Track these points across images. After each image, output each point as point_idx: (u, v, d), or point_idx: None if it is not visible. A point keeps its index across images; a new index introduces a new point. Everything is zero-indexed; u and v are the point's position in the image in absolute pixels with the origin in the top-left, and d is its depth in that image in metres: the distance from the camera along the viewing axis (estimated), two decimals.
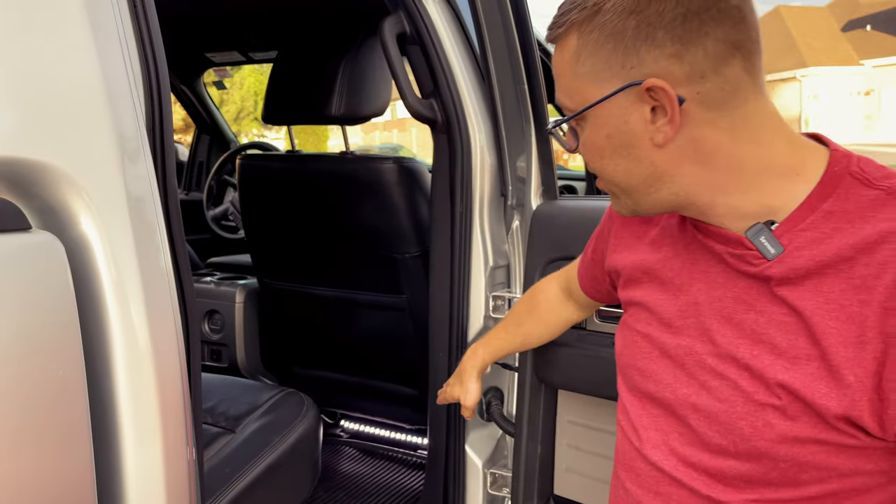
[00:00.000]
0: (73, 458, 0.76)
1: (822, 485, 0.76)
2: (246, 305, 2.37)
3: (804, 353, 0.73)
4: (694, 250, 0.84)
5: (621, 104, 0.75)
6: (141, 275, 0.83)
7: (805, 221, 0.74)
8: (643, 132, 0.75)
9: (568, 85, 0.79)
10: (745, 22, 0.73)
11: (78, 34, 0.81)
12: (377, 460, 2.39)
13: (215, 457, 1.47)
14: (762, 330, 0.76)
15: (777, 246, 0.74)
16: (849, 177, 0.74)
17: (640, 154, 0.77)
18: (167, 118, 0.95)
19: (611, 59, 0.74)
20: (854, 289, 0.71)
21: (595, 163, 0.81)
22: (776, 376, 0.75)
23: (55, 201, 0.78)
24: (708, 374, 0.80)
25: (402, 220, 1.98)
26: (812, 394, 0.72)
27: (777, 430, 0.75)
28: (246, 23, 2.50)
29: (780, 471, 0.76)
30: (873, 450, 0.74)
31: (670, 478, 0.85)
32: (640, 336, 0.89)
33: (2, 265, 0.69)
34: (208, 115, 3.53)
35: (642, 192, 0.80)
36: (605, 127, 0.77)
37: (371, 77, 1.94)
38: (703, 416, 0.81)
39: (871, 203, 0.73)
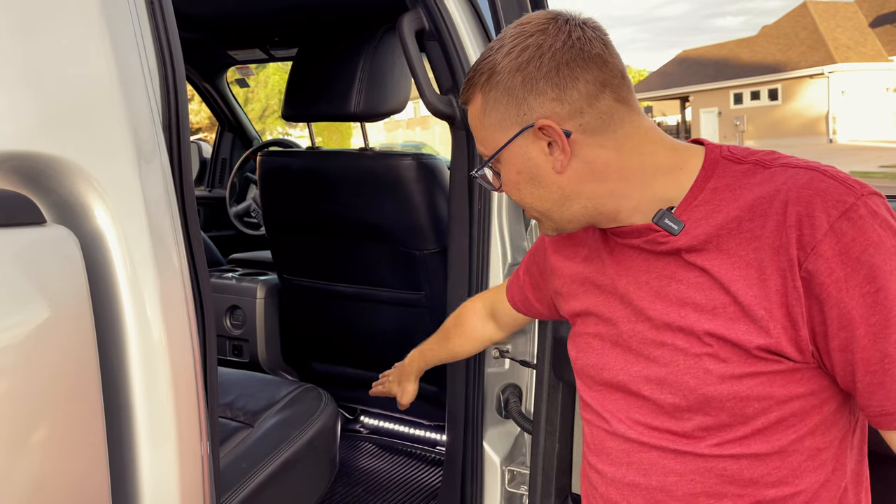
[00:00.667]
0: (87, 453, 0.77)
1: (766, 415, 0.88)
2: (267, 301, 2.38)
3: (720, 303, 0.88)
4: (617, 253, 1.00)
5: (522, 144, 0.93)
6: (156, 269, 0.83)
7: (697, 199, 0.91)
8: (545, 163, 0.92)
9: (481, 136, 0.96)
10: (607, 65, 0.90)
11: (93, 30, 0.82)
12: (396, 456, 2.40)
13: (233, 451, 1.48)
14: (684, 295, 0.91)
15: (679, 223, 0.90)
16: (722, 160, 0.93)
17: (546, 182, 0.93)
18: (183, 113, 0.96)
19: (508, 109, 0.92)
20: (746, 241, 0.86)
21: (515, 195, 0.97)
22: (703, 327, 0.88)
23: (70, 195, 0.78)
24: (650, 346, 0.94)
25: (421, 217, 1.98)
26: (734, 333, 0.86)
27: (715, 374, 0.88)
28: (268, 21, 2.51)
29: (727, 410, 0.88)
30: (800, 373, 0.87)
31: (639, 444, 0.96)
32: (591, 337, 1.03)
33: (17, 259, 0.70)
34: (231, 113, 3.56)
35: (557, 212, 0.96)
36: (515, 164, 0.94)
37: (390, 74, 1.94)
38: (655, 384, 0.94)
39: (744, 174, 0.90)
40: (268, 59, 3.06)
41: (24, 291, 0.70)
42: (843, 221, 0.81)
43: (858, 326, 0.81)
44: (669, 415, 0.93)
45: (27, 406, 0.70)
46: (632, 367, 0.96)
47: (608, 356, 1.00)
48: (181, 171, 0.94)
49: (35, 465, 0.71)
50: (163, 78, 0.93)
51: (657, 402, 0.93)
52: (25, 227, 0.72)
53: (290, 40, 2.78)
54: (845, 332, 0.82)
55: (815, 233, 0.82)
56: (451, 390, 1.80)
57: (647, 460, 0.95)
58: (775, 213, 0.85)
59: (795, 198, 0.84)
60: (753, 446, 0.89)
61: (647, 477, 0.96)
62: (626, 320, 0.97)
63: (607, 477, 1.00)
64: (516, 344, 1.80)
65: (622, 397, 0.98)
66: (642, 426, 0.96)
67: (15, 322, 0.69)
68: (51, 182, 0.77)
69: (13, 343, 0.68)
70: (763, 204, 0.86)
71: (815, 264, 0.82)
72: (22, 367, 0.69)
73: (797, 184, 0.85)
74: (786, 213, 0.84)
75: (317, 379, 2.38)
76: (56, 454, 0.73)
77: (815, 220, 0.82)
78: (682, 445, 0.92)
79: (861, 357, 0.82)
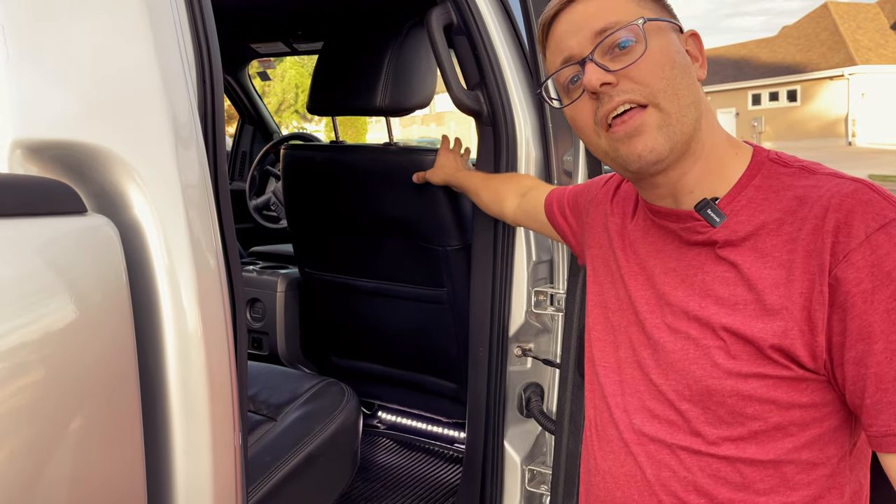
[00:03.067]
0: (123, 442, 0.77)
1: (765, 419, 0.87)
2: (287, 295, 2.38)
3: (742, 299, 0.88)
4: (653, 234, 1.01)
5: (676, 37, 0.93)
6: (192, 260, 0.83)
7: (741, 195, 0.91)
8: (691, 65, 0.92)
9: (630, 10, 0.91)
10: None
11: (135, 19, 0.82)
12: (414, 452, 2.39)
13: (256, 444, 1.48)
14: (709, 286, 0.91)
15: (721, 215, 0.91)
16: (769, 162, 0.93)
17: (692, 79, 0.92)
18: (219, 104, 0.95)
19: (657, 6, 0.93)
20: (783, 242, 0.86)
21: (665, 71, 0.89)
22: (720, 321, 0.88)
23: (110, 185, 0.78)
24: (665, 332, 0.95)
25: (444, 213, 1.97)
26: (750, 330, 0.86)
27: (722, 368, 0.88)
28: (293, 14, 2.50)
29: (727, 407, 0.88)
30: (807, 382, 0.86)
31: (640, 434, 0.97)
32: (612, 311, 1.05)
33: (58, 248, 0.70)
34: (252, 106, 3.56)
35: (692, 117, 0.91)
36: (672, 46, 0.91)
37: (416, 69, 1.93)
38: (663, 370, 0.94)
39: (790, 176, 0.91)
40: (290, 52, 3.06)
41: (64, 280, 0.69)
42: (880, 234, 0.81)
43: (878, 341, 0.80)
44: (671, 403, 0.93)
45: (67, 394, 0.70)
46: (644, 348, 0.97)
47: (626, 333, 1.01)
48: (216, 162, 0.94)
49: (73, 451, 0.71)
50: (199, 69, 0.93)
51: (661, 388, 0.94)
52: (67, 216, 0.72)
53: (313, 34, 2.78)
54: (863, 344, 0.81)
55: (850, 241, 0.81)
56: (472, 388, 1.79)
57: (644, 453, 0.96)
58: (814, 217, 0.85)
59: (837, 205, 0.84)
60: (749, 450, 0.89)
61: (642, 469, 0.96)
62: (646, 301, 0.99)
63: (605, 465, 1.02)
64: (539, 343, 1.79)
65: (629, 379, 1.00)
66: (645, 412, 0.97)
67: (55, 310, 0.68)
68: (91, 171, 0.77)
69: (54, 330, 0.68)
70: (804, 208, 0.86)
71: (845, 272, 0.81)
72: (62, 354, 0.69)
73: (841, 192, 0.85)
74: (825, 218, 0.84)
75: (336, 373, 2.38)
76: (94, 441, 0.73)
77: (853, 228, 0.82)
78: (680, 438, 0.93)
79: (875, 372, 0.81)
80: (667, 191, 0.96)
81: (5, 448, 0.65)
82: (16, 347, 0.65)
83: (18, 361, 0.65)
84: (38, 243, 0.68)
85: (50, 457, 0.68)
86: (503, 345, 1.72)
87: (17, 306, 0.65)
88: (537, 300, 1.73)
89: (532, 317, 1.74)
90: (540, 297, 1.73)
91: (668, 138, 0.89)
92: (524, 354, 1.77)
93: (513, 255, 1.72)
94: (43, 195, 0.71)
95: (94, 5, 0.80)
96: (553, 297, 1.73)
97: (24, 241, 0.67)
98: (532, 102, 1.73)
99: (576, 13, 0.93)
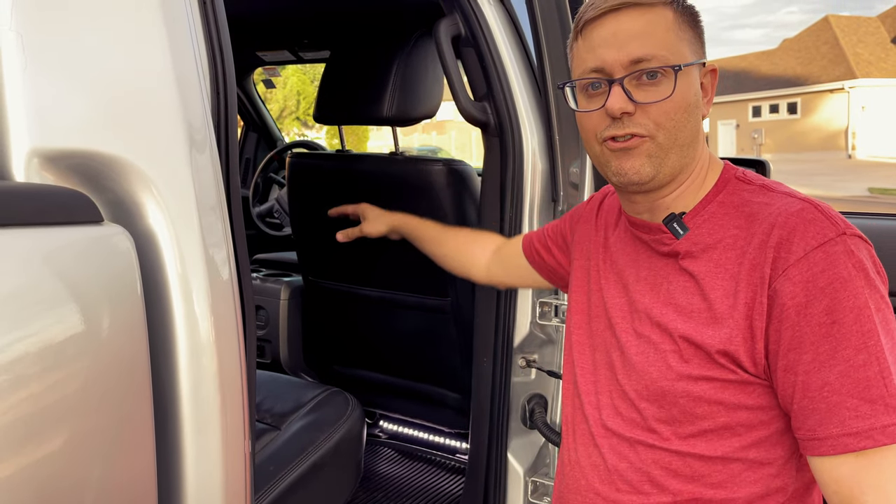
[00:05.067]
0: (136, 448, 0.77)
1: (714, 419, 0.94)
2: (290, 303, 2.38)
3: (697, 307, 0.95)
4: (632, 243, 1.07)
5: (696, 74, 0.98)
6: (205, 268, 0.83)
7: (705, 210, 0.99)
8: (700, 104, 0.98)
9: (671, 43, 0.95)
10: None
11: (151, 28, 0.82)
12: (416, 462, 2.39)
13: (260, 453, 1.48)
14: (672, 296, 0.98)
15: (685, 228, 0.98)
16: (734, 179, 1.00)
17: (697, 118, 0.98)
18: (232, 113, 0.96)
19: (694, 39, 0.97)
20: (735, 255, 0.93)
21: (678, 115, 0.95)
22: (678, 328, 0.95)
23: (126, 194, 0.78)
24: (632, 335, 1.02)
25: (450, 223, 1.97)
26: (701, 336, 0.93)
27: (675, 371, 0.95)
28: (299, 23, 2.51)
29: (679, 406, 0.95)
30: (753, 386, 0.92)
31: (604, 428, 1.04)
32: (592, 317, 1.11)
33: (75, 257, 0.70)
34: (256, 113, 3.57)
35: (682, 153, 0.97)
36: (692, 88, 0.96)
37: (423, 78, 1.93)
38: (627, 371, 1.01)
39: (750, 194, 0.98)
40: (296, 60, 3.07)
41: (80, 289, 0.70)
42: (817, 252, 0.87)
43: (807, 351, 0.86)
44: (632, 401, 1.01)
45: (82, 401, 0.70)
46: (614, 350, 1.05)
47: (601, 337, 1.08)
48: (228, 170, 0.94)
49: (86, 458, 0.71)
50: (213, 76, 0.93)
51: (624, 387, 1.02)
52: (83, 226, 0.72)
53: (319, 42, 2.79)
54: (794, 353, 0.87)
55: (789, 257, 0.88)
56: (475, 399, 1.79)
57: (608, 445, 1.04)
58: (762, 232, 0.91)
59: (783, 222, 0.90)
60: (699, 446, 0.96)
61: (604, 459, 1.04)
62: (619, 308, 1.05)
63: (575, 455, 1.09)
64: (543, 354, 1.79)
65: (602, 379, 1.06)
66: (611, 409, 1.04)
67: (71, 318, 0.69)
68: (107, 181, 0.77)
69: (70, 338, 0.68)
70: (755, 224, 0.93)
71: (783, 285, 0.87)
72: (77, 362, 0.69)
73: (788, 210, 0.91)
74: (770, 234, 0.90)
75: (338, 382, 2.38)
76: (106, 448, 0.73)
77: (793, 245, 0.88)
78: (638, 433, 1.00)
79: (802, 380, 0.87)
80: (644, 207, 1.03)
81: (20, 453, 0.65)
82: (33, 354, 0.65)
83: (36, 368, 0.65)
84: (55, 253, 0.69)
85: (64, 462, 0.68)
86: (507, 355, 1.72)
87: (35, 314, 0.66)
88: (542, 311, 1.73)
89: (536, 328, 1.74)
90: (545, 307, 1.73)
91: (654, 168, 0.96)
92: (528, 365, 1.77)
93: None
94: (59, 205, 0.71)
95: (110, 14, 0.80)
96: (558, 308, 1.73)
97: (41, 251, 0.67)
98: (539, 114, 1.73)
99: (620, 25, 0.95)
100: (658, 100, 0.93)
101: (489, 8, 1.71)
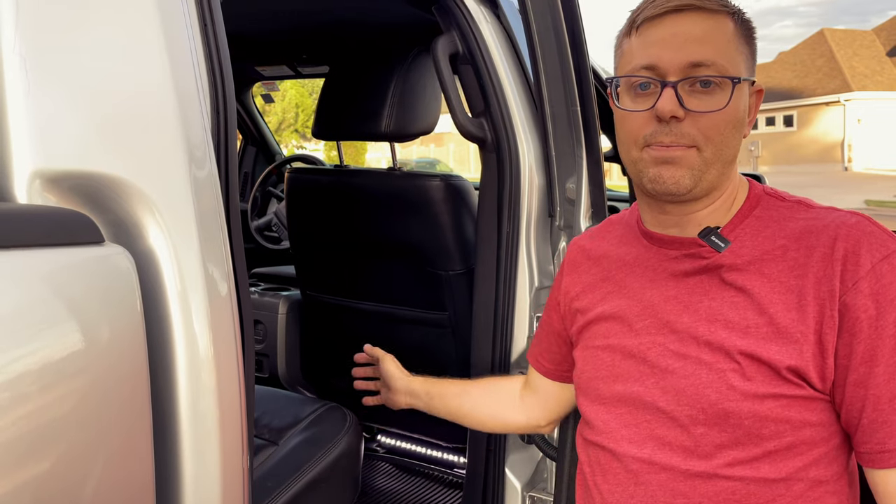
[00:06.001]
0: (135, 464, 0.77)
1: (780, 438, 0.90)
2: (289, 317, 2.38)
3: (753, 322, 0.91)
4: (652, 264, 1.02)
5: (747, 92, 0.95)
6: (205, 286, 0.84)
7: (743, 223, 0.96)
8: (745, 123, 0.96)
9: (731, 55, 0.93)
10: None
11: (153, 48, 0.83)
12: (413, 477, 2.38)
13: (258, 469, 1.48)
14: (716, 311, 0.93)
15: (725, 241, 0.94)
16: (766, 196, 0.99)
17: (740, 137, 0.95)
18: (231, 132, 0.97)
19: (749, 55, 0.95)
20: (790, 269, 0.90)
21: (727, 130, 0.93)
22: (735, 344, 0.91)
23: (126, 215, 0.79)
24: (671, 358, 0.96)
25: (448, 238, 1.98)
26: (766, 352, 0.89)
27: (739, 390, 0.90)
28: (299, 39, 2.53)
29: (744, 428, 0.90)
30: (816, 402, 0.90)
31: (649, 464, 0.96)
32: (601, 349, 1.04)
33: (78, 277, 0.71)
34: (255, 127, 3.59)
35: (723, 169, 0.95)
36: (742, 106, 0.94)
37: (421, 95, 1.95)
38: (672, 396, 0.95)
39: (789, 209, 0.96)
40: (295, 75, 3.09)
41: (82, 309, 0.70)
42: (884, 264, 0.87)
43: (879, 364, 0.86)
44: (684, 428, 0.94)
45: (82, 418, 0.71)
46: (647, 378, 0.98)
47: (621, 368, 1.01)
48: (227, 188, 0.95)
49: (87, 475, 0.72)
50: (213, 97, 0.94)
51: (672, 413, 0.95)
52: (85, 247, 0.73)
53: (318, 58, 2.81)
54: (866, 367, 0.86)
55: (858, 270, 0.87)
56: None
57: (656, 482, 0.96)
58: (823, 245, 0.90)
59: (845, 235, 0.89)
60: (763, 469, 0.91)
61: (653, 499, 0.96)
62: (646, 332, 0.99)
63: (612, 499, 1.00)
64: None
65: (630, 412, 0.99)
66: (654, 443, 0.96)
67: (73, 337, 0.69)
68: (108, 201, 0.78)
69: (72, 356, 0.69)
70: (811, 237, 0.91)
71: (854, 299, 0.86)
72: (78, 380, 0.70)
73: (846, 223, 0.91)
74: (834, 247, 0.89)
75: (336, 396, 2.37)
76: (107, 464, 0.74)
77: (860, 258, 0.87)
78: (694, 463, 0.93)
79: (874, 393, 0.86)
80: (674, 220, 0.99)
81: (20, 468, 0.65)
82: (35, 371, 0.66)
83: (39, 385, 0.66)
84: (57, 273, 0.69)
85: (64, 478, 0.69)
86: (505, 370, 1.73)
87: (37, 333, 0.67)
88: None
89: None
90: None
91: (694, 181, 0.93)
92: None
93: (515, 280, 1.73)
94: (61, 226, 0.72)
95: (112, 34, 0.81)
96: None
97: (43, 272, 0.68)
98: (536, 130, 1.75)
99: (681, 26, 0.91)
100: (711, 110, 0.90)
101: (486, 26, 1.73)
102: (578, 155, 1.67)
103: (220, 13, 0.97)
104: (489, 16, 1.77)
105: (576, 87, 1.60)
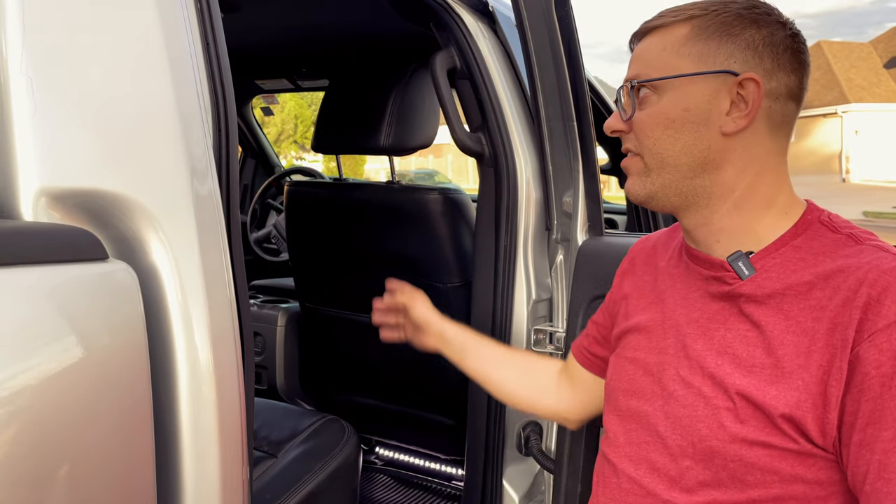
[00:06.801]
0: (136, 477, 0.78)
1: (766, 489, 0.84)
2: (287, 329, 2.39)
3: (759, 362, 0.85)
4: (684, 280, 0.98)
5: (711, 86, 0.88)
6: (206, 301, 0.85)
7: (777, 252, 0.88)
8: (716, 119, 0.88)
9: (663, 61, 0.90)
10: (805, 85, 0.91)
11: (157, 67, 0.85)
12: (411, 489, 2.39)
13: (257, 482, 1.49)
14: (728, 343, 0.88)
15: (751, 269, 0.88)
16: (818, 223, 0.89)
17: (704, 135, 0.88)
18: (233, 148, 0.98)
19: (719, 48, 0.87)
20: (810, 308, 0.83)
21: (656, 132, 0.90)
22: (735, 383, 0.86)
23: (130, 231, 0.81)
24: (678, 384, 0.92)
25: (446, 250, 2.00)
26: (763, 396, 0.83)
27: (729, 431, 0.85)
28: (298, 53, 2.55)
29: (728, 471, 0.85)
30: (814, 458, 0.82)
31: (638, 486, 0.94)
32: (628, 361, 1.01)
33: (82, 294, 0.72)
34: (254, 140, 3.61)
35: (680, 174, 0.90)
36: (687, 101, 0.88)
37: (420, 109, 1.97)
38: (671, 422, 0.92)
39: (834, 243, 0.87)
40: (294, 88, 3.11)
41: (86, 325, 0.72)
42: None
43: (887, 428, 0.76)
44: (673, 457, 0.91)
45: (85, 431, 0.71)
46: (656, 398, 0.95)
47: (639, 383, 0.98)
48: (228, 202, 0.96)
49: (88, 487, 0.73)
50: (215, 114, 0.96)
51: (666, 440, 0.92)
52: (89, 263, 0.74)
53: (317, 72, 2.83)
54: (873, 429, 0.77)
55: (878, 320, 0.78)
56: (471, 426, 1.80)
57: None
58: (847, 289, 0.81)
59: (873, 280, 0.80)
60: None
61: None
62: (666, 351, 0.96)
63: None
64: None
65: (637, 429, 0.97)
66: (647, 464, 0.94)
67: (76, 352, 0.71)
68: (112, 218, 0.80)
69: (75, 371, 0.70)
70: (839, 276, 0.82)
71: (867, 352, 0.77)
72: (81, 395, 0.71)
73: (879, 267, 0.81)
74: (857, 292, 0.80)
75: (335, 408, 2.38)
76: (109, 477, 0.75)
77: (883, 307, 0.78)
78: (675, 495, 0.90)
79: (879, 459, 0.77)
80: (690, 236, 0.96)
81: (24, 486, 0.66)
82: (36, 386, 0.67)
83: (42, 400, 0.67)
84: (61, 289, 0.71)
85: (65, 493, 0.70)
86: None
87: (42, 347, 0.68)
88: (536, 338, 1.75)
89: None
90: (539, 335, 1.75)
91: (645, 188, 0.93)
92: None
93: (513, 293, 1.74)
94: (66, 243, 0.73)
95: (116, 53, 0.83)
96: (552, 335, 1.75)
97: (49, 288, 0.69)
98: (533, 144, 1.77)
99: (642, 45, 0.94)
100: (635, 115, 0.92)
101: (484, 41, 1.75)
102: (575, 168, 1.68)
103: (221, 29, 0.99)
104: (486, 31, 1.79)
105: (572, 101, 1.62)
